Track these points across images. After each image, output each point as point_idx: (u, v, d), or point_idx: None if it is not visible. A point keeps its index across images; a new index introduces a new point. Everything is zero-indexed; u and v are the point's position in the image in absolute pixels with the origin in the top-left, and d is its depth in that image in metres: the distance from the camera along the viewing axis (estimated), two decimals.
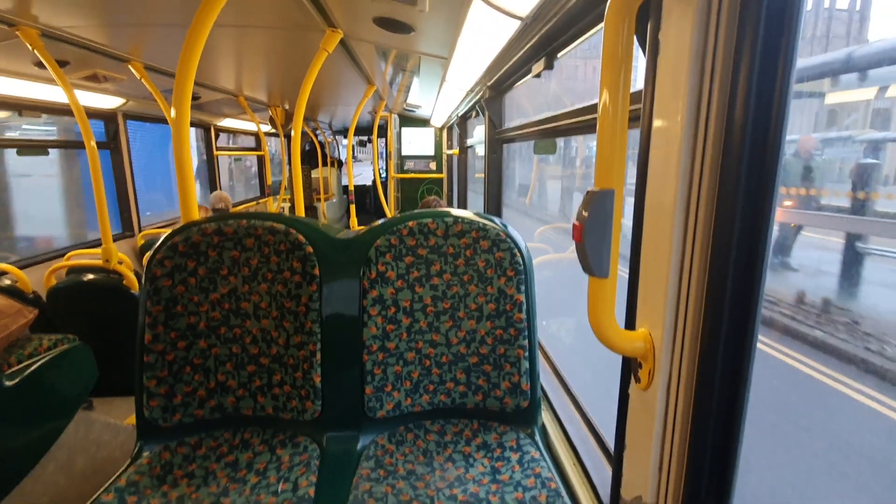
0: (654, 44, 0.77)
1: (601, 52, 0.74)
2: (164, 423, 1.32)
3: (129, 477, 1.19)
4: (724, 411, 0.74)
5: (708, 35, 0.68)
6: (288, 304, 1.36)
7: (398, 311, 1.39)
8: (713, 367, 0.73)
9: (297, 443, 1.31)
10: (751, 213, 0.67)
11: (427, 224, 1.40)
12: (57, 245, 3.77)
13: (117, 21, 2.04)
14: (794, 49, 0.63)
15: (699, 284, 0.74)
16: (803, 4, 0.62)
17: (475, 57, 2.10)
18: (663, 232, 0.77)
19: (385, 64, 2.90)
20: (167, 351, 1.33)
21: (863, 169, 2.26)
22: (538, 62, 1.64)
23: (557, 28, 1.35)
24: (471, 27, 1.69)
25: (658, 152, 0.79)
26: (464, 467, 1.24)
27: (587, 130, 1.44)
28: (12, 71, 2.63)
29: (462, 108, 3.84)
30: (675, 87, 0.73)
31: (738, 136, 0.67)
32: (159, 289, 1.33)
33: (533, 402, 1.38)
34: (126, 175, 3.98)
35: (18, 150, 3.47)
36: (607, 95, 0.73)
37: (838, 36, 4.27)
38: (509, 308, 1.37)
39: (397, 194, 6.47)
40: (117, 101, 3.64)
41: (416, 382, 1.39)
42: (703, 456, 0.76)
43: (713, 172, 0.70)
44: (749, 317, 0.70)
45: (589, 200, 0.74)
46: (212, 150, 5.72)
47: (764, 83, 0.64)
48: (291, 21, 2.08)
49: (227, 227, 1.37)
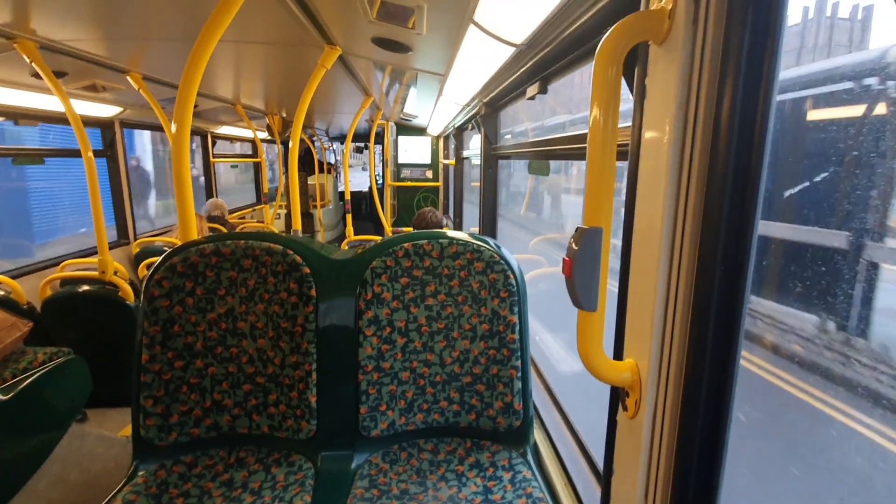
0: (641, 88, 0.81)
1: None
2: (160, 441, 1.34)
3: (125, 497, 1.20)
4: (707, 439, 0.77)
5: (691, 84, 0.71)
6: (284, 324, 1.38)
7: (393, 331, 1.41)
8: (697, 396, 0.76)
9: (292, 462, 1.33)
10: (732, 250, 0.71)
11: (422, 245, 1.42)
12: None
13: (117, 34, 2.05)
14: (772, 100, 0.67)
15: (683, 317, 0.77)
16: (780, 60, 0.66)
17: (471, 76, 2.14)
18: (649, 266, 0.80)
19: (382, 77, 2.94)
20: (164, 371, 1.35)
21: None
22: (532, 85, 1.68)
23: (551, 56, 1.39)
24: (467, 50, 1.72)
25: (645, 189, 0.82)
26: (456, 486, 1.26)
27: (579, 157, 1.47)
28: (9, 81, 2.64)
29: (459, 120, 3.88)
30: (660, 130, 0.77)
31: (719, 177, 0.70)
32: (157, 309, 1.34)
33: (525, 422, 1.40)
34: (122, 183, 3.99)
35: (14, 159, 3.48)
36: (596, 138, 0.76)
37: (840, 44, 4.34)
38: (502, 329, 1.40)
39: (393, 202, 6.50)
40: (115, 109, 3.65)
41: (411, 402, 1.42)
42: (687, 482, 0.79)
43: (697, 210, 0.73)
44: (731, 349, 0.73)
45: (578, 237, 0.77)
46: (208, 157, 5.73)
47: (744, 129, 0.68)
48: (290, 37, 2.11)
49: (226, 247, 1.39)
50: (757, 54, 0.66)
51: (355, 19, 1.72)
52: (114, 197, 3.99)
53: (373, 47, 2.05)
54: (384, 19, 1.61)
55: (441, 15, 1.48)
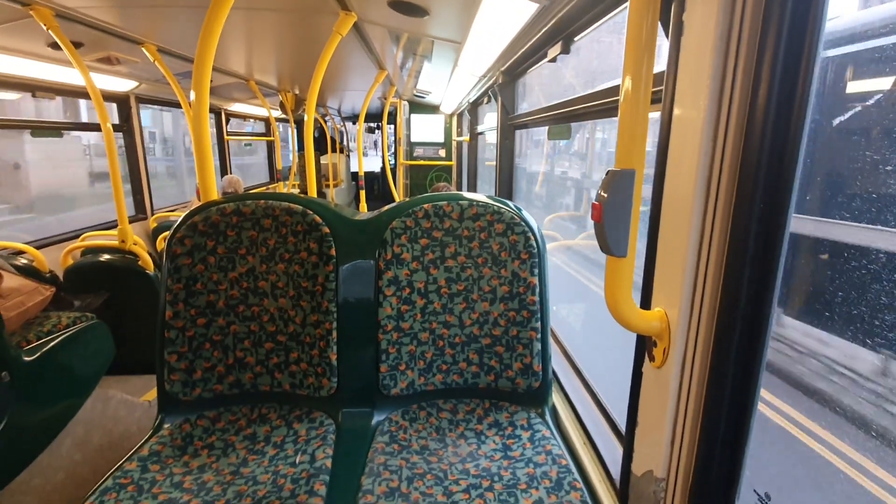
0: (679, 25, 0.77)
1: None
2: (184, 397, 1.36)
3: (152, 447, 1.23)
4: (737, 390, 0.75)
5: (734, 17, 0.68)
6: (305, 283, 1.39)
7: (413, 292, 1.41)
8: (728, 346, 0.75)
9: (314, 418, 1.35)
10: (770, 197, 0.68)
11: (442, 207, 1.41)
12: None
13: (131, 2, 2.04)
14: (820, 34, 0.64)
15: (717, 266, 0.75)
16: None
17: (489, 41, 2.09)
18: (682, 213, 0.78)
19: (397, 48, 2.89)
20: (187, 327, 1.36)
21: None
22: (554, 46, 1.63)
23: (575, 11, 1.35)
24: (486, 10, 1.68)
25: (679, 135, 0.79)
26: (476, 444, 1.27)
27: (604, 115, 1.44)
28: (26, 51, 2.64)
29: (473, 95, 3.83)
30: (698, 70, 0.74)
31: (760, 120, 0.68)
32: (179, 267, 1.36)
33: (544, 383, 1.40)
34: (139, 158, 4.01)
35: (33, 132, 3.51)
36: (630, 77, 0.73)
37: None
38: (522, 290, 1.39)
39: (406, 181, 6.48)
40: (130, 84, 3.65)
41: (430, 362, 1.42)
42: (715, 432, 0.78)
43: (734, 155, 0.71)
44: (765, 299, 0.71)
45: (609, 181, 0.75)
46: (223, 134, 5.74)
47: (788, 66, 0.65)
48: (305, 3, 2.07)
49: (246, 207, 1.39)
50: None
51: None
52: (131, 172, 4.02)
53: (389, 12, 2.01)
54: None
55: None
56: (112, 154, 2.67)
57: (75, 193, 8.38)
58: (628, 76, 0.73)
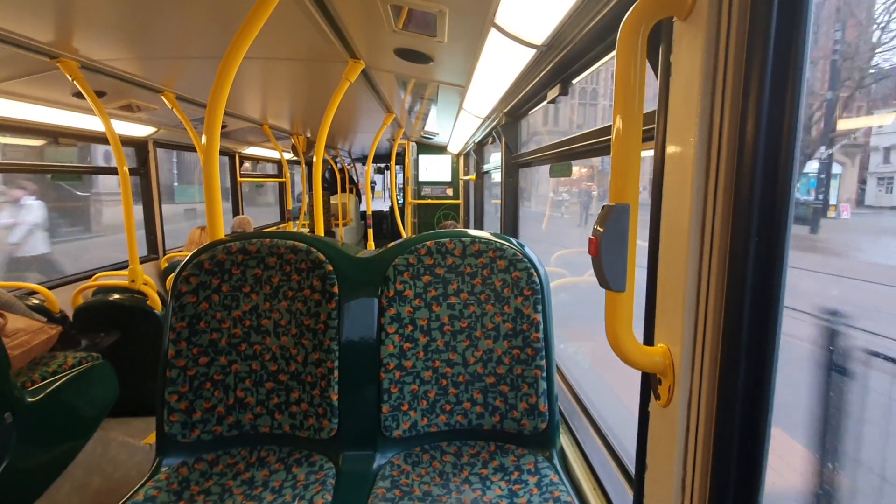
0: (667, 66, 0.80)
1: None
2: (182, 438, 1.34)
3: (147, 492, 1.20)
4: (747, 426, 0.73)
5: (718, 57, 0.70)
6: (307, 321, 1.39)
7: (415, 329, 1.40)
8: (734, 381, 0.72)
9: (313, 461, 1.31)
10: (767, 227, 0.68)
11: (445, 243, 1.42)
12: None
13: (153, 54, 2.16)
14: (803, 71, 0.66)
15: (717, 299, 0.74)
16: (810, 27, 0.64)
17: (492, 84, 2.17)
18: (679, 247, 0.78)
19: (404, 93, 3.00)
20: (189, 366, 1.36)
21: None
22: (553, 88, 1.69)
23: (572, 55, 1.40)
24: (488, 56, 1.75)
25: (673, 169, 0.81)
26: (481, 490, 1.22)
27: (603, 152, 1.46)
28: (52, 100, 2.78)
29: (479, 135, 3.93)
30: (687, 107, 0.76)
31: (749, 152, 0.68)
32: (184, 305, 1.37)
33: (551, 425, 1.36)
34: (154, 200, 4.13)
35: (53, 175, 3.64)
36: (621, 116, 0.75)
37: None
38: (526, 328, 1.38)
39: (414, 220, 6.56)
40: (149, 129, 3.81)
41: (433, 402, 1.39)
42: (727, 473, 0.74)
43: (727, 188, 0.71)
44: (770, 329, 0.70)
45: (605, 215, 0.76)
46: (236, 176, 5.91)
47: (774, 102, 0.66)
48: (316, 52, 2.18)
49: (251, 245, 1.41)
50: (786, 24, 0.65)
51: (378, 31, 1.77)
52: (145, 213, 4.13)
53: (395, 59, 2.10)
54: (407, 28, 1.65)
55: (462, 21, 1.52)
56: (127, 197, 2.76)
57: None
58: (619, 115, 0.75)
